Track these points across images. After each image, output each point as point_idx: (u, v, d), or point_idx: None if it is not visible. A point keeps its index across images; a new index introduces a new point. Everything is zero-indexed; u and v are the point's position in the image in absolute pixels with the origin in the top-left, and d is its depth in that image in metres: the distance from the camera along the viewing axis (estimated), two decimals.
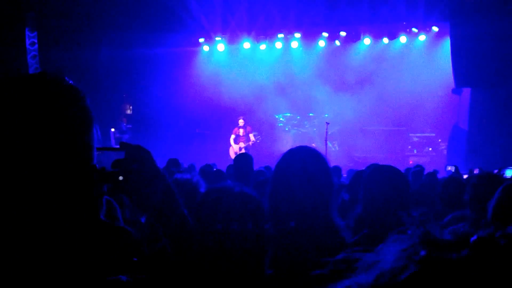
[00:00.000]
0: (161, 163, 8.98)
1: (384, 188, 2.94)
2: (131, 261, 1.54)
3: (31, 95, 1.28)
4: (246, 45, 19.01)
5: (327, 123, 15.35)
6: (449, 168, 9.16)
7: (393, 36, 17.88)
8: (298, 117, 18.80)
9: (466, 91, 16.11)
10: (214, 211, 1.98)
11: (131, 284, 1.39)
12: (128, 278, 1.40)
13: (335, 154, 17.21)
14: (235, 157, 6.78)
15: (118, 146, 1.50)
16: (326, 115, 17.43)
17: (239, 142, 16.57)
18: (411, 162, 15.66)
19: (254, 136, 16.72)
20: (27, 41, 15.58)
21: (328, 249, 2.35)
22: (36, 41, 15.72)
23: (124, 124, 18.94)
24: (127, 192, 1.49)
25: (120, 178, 1.45)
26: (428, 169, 9.50)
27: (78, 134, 1.33)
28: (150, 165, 1.51)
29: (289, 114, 18.84)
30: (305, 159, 2.55)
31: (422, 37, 17.73)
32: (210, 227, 1.95)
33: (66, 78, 1.36)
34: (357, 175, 4.98)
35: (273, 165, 2.74)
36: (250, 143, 16.47)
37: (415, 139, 17.60)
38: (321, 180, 2.50)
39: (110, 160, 1.48)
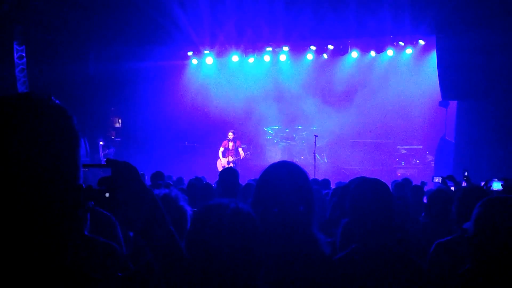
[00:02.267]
0: (149, 176, 8.97)
1: (371, 201, 2.95)
2: (115, 276, 1.54)
3: (17, 115, 1.27)
4: (235, 58, 19.07)
5: (316, 136, 15.41)
6: (436, 179, 9.16)
7: (380, 50, 18.01)
8: (287, 130, 18.85)
9: (453, 104, 16.21)
10: (210, 229, 1.97)
11: None
12: None
13: (323, 166, 17.26)
14: (220, 172, 6.73)
15: (104, 162, 1.51)
16: (315, 128, 17.53)
17: (228, 155, 16.51)
18: (399, 174, 15.73)
19: (244, 150, 16.67)
20: (15, 55, 15.52)
21: (308, 263, 2.36)
22: (24, 54, 15.66)
23: (112, 137, 18.89)
24: (114, 209, 1.49)
25: (107, 195, 1.45)
26: (416, 181, 9.54)
27: (64, 154, 1.32)
28: (136, 182, 1.51)
29: (277, 127, 18.89)
30: (287, 174, 2.56)
31: (409, 51, 17.87)
32: (205, 244, 1.94)
33: (52, 97, 1.36)
34: (343, 190, 4.99)
35: None
36: (241, 157, 16.43)
37: (403, 151, 17.68)
38: (302, 194, 2.51)
39: (97, 176, 1.48)
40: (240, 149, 16.54)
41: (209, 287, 1.87)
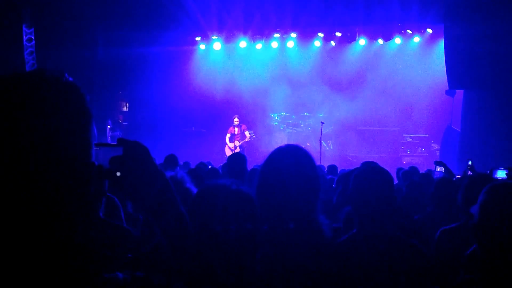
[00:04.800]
0: (157, 161, 8.99)
1: (372, 187, 2.97)
2: (128, 258, 1.54)
3: (29, 92, 1.28)
4: (243, 44, 18.99)
5: (322, 123, 15.39)
6: (438, 168, 9.16)
7: (388, 37, 17.93)
8: (293, 117, 18.80)
9: (459, 93, 16.17)
10: (210, 209, 1.99)
11: (127, 281, 1.39)
12: (125, 275, 1.40)
13: (329, 153, 17.25)
14: (229, 157, 6.75)
15: (115, 142, 1.50)
16: (321, 115, 17.47)
17: (234, 140, 16.61)
18: (404, 162, 15.70)
19: (249, 133, 16.76)
20: (24, 37, 15.51)
21: (311, 247, 2.38)
22: (33, 37, 15.65)
23: (120, 121, 18.91)
24: (125, 189, 1.48)
25: (118, 174, 1.45)
26: (421, 169, 9.52)
27: (77, 131, 1.33)
28: (147, 161, 1.50)
29: (284, 113, 18.83)
30: (293, 157, 2.55)
31: (416, 39, 17.81)
32: (205, 224, 1.96)
33: (65, 74, 1.36)
34: (346, 176, 5.02)
35: None
36: (246, 140, 16.53)
37: (409, 139, 17.62)
38: (308, 178, 2.50)
39: (107, 157, 1.48)
40: (246, 132, 16.63)
41: (211, 266, 1.90)
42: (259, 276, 2.12)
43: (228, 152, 16.21)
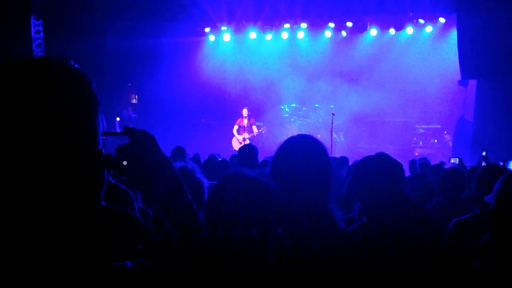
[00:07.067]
0: (166, 152, 8.97)
1: (376, 176, 2.94)
2: (136, 246, 1.53)
3: (35, 77, 1.27)
4: (252, 35, 18.97)
5: (333, 114, 15.35)
6: (452, 160, 9.12)
7: (399, 27, 17.80)
8: (304, 108, 18.78)
9: (472, 83, 16.06)
10: (234, 197, 1.97)
11: (136, 270, 1.38)
12: (133, 264, 1.39)
13: (340, 145, 17.22)
14: (240, 148, 6.74)
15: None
16: (332, 106, 17.43)
17: (243, 133, 16.60)
18: (416, 154, 15.65)
19: (258, 127, 16.74)
20: (33, 29, 15.56)
21: (323, 237, 2.35)
22: (41, 29, 15.71)
23: (130, 113, 19.01)
24: (132, 177, 1.47)
25: (125, 163, 1.43)
26: (434, 161, 9.49)
27: (84, 117, 1.32)
28: (154, 150, 1.49)
29: (294, 105, 18.81)
30: (305, 147, 2.54)
31: (429, 29, 17.66)
32: (226, 209, 1.95)
33: (71, 61, 1.35)
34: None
35: None
36: (254, 134, 16.50)
37: (421, 130, 17.56)
38: (321, 168, 2.49)
39: (115, 146, 1.47)
40: (254, 126, 16.61)
41: (224, 255, 1.88)
42: (270, 268, 2.10)
43: (236, 144, 16.21)
